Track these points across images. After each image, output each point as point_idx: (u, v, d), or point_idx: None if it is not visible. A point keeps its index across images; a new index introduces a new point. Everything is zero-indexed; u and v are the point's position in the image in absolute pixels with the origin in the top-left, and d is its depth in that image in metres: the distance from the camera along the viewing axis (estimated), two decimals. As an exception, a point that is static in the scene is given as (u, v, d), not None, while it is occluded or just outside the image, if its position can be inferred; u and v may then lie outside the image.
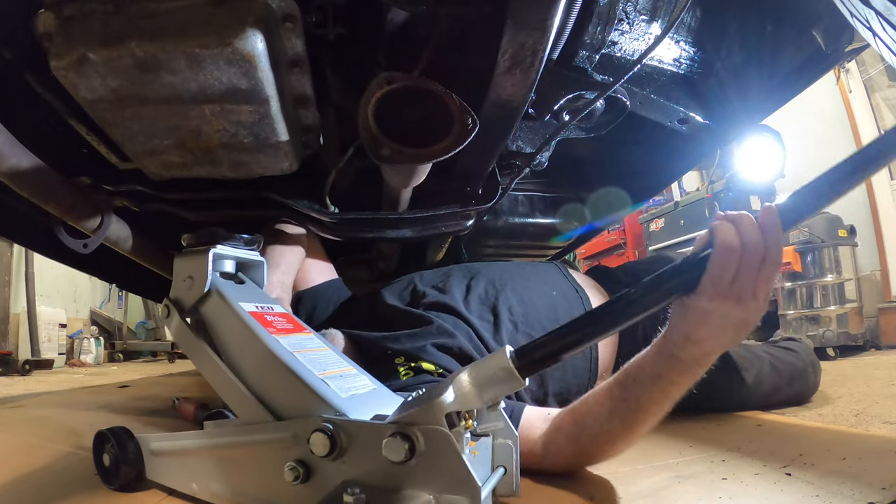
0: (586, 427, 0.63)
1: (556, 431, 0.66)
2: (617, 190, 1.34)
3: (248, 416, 0.55)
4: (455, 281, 0.98)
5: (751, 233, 0.51)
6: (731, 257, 0.50)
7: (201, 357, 0.60)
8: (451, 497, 0.43)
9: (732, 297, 0.51)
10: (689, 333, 0.54)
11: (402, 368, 0.79)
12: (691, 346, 0.54)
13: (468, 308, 0.92)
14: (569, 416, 0.66)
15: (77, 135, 0.79)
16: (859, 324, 2.67)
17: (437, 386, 0.47)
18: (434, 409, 0.44)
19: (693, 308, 0.52)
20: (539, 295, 0.98)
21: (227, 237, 0.65)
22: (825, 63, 0.98)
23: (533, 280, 1.03)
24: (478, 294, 0.95)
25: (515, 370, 0.46)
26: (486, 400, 0.47)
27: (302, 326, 0.66)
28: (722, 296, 0.51)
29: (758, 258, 0.50)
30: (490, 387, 0.47)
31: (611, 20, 0.81)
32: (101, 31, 0.56)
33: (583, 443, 0.64)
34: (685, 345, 0.54)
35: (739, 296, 0.51)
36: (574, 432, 0.64)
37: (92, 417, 1.30)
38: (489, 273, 1.01)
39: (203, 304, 0.62)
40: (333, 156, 0.86)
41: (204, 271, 0.62)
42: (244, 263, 0.70)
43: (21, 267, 3.84)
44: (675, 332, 0.55)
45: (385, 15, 0.69)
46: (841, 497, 0.56)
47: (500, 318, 0.91)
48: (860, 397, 1.23)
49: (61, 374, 3.25)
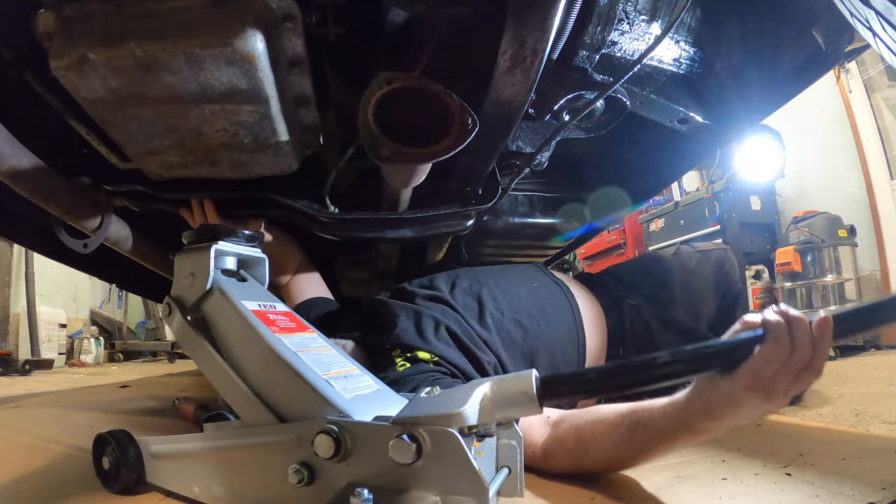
0: (589, 452, 0.65)
1: (558, 444, 0.67)
2: (617, 190, 1.34)
3: (250, 417, 0.55)
4: (441, 280, 1.02)
5: (803, 338, 0.50)
6: (778, 357, 0.50)
7: (203, 356, 0.59)
8: (458, 498, 0.43)
9: (766, 392, 0.51)
10: (711, 410, 0.54)
11: (399, 360, 0.80)
12: (708, 421, 0.55)
13: (454, 298, 0.95)
14: (573, 435, 0.67)
15: (77, 135, 0.79)
16: (859, 324, 2.67)
17: (457, 392, 0.48)
18: (451, 420, 0.44)
19: (724, 389, 0.52)
20: (521, 286, 1.02)
21: (228, 233, 0.65)
22: (825, 63, 0.98)
23: (514, 275, 1.07)
24: (462, 288, 0.99)
25: (537, 398, 0.46)
26: (498, 418, 0.48)
27: (305, 325, 0.65)
28: (757, 389, 0.51)
29: (802, 364, 0.50)
30: (507, 407, 0.47)
31: (611, 20, 0.81)
32: (101, 31, 0.56)
33: (583, 463, 0.66)
34: (703, 418, 0.55)
35: (773, 392, 0.51)
36: (576, 452, 0.66)
37: (92, 418, 1.30)
38: (472, 273, 1.05)
39: (205, 302, 0.61)
40: (333, 156, 0.86)
41: (205, 268, 0.62)
42: (246, 260, 0.69)
43: (21, 267, 3.84)
44: (697, 403, 0.55)
45: (385, 15, 0.69)
46: (841, 497, 0.56)
47: (485, 307, 0.94)
48: (860, 397, 1.23)
49: (61, 374, 3.25)
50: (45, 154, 0.74)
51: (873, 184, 3.19)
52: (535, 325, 0.94)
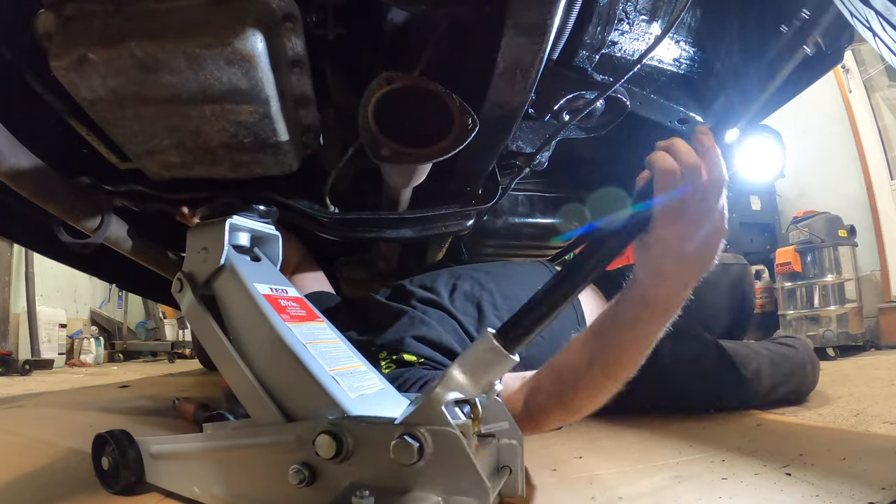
0: (567, 380, 0.63)
1: (535, 391, 0.65)
2: (617, 190, 1.34)
3: (251, 406, 0.55)
4: (441, 281, 1.01)
5: (686, 153, 0.52)
6: (671, 179, 0.51)
7: (211, 337, 0.59)
8: (460, 499, 0.43)
9: (686, 218, 0.51)
10: (655, 268, 0.54)
11: (384, 362, 0.80)
12: (662, 281, 0.54)
13: (453, 304, 0.94)
14: (546, 373, 0.65)
15: (77, 135, 0.79)
16: (859, 324, 2.68)
17: (433, 382, 0.47)
18: (431, 404, 0.44)
19: (652, 241, 0.53)
20: (523, 290, 1.00)
21: (242, 208, 0.64)
22: (825, 63, 0.98)
23: (517, 276, 1.05)
24: (463, 291, 0.98)
25: (503, 348, 0.47)
26: (483, 385, 0.47)
27: (315, 314, 0.65)
28: (675, 219, 0.51)
29: (700, 175, 0.51)
30: (482, 371, 0.47)
31: (611, 20, 0.81)
32: (101, 31, 0.56)
33: (565, 396, 0.63)
34: (656, 281, 0.54)
35: (693, 217, 0.51)
36: (555, 388, 0.64)
37: (92, 417, 1.30)
38: (475, 274, 1.04)
39: (216, 279, 0.60)
40: (333, 156, 0.86)
41: (219, 242, 0.61)
42: (259, 237, 0.69)
43: (21, 267, 3.84)
44: (642, 271, 0.55)
45: (385, 15, 0.69)
46: (841, 497, 0.56)
47: (485, 313, 0.93)
48: (860, 397, 1.23)
49: (61, 374, 3.25)
50: (45, 154, 0.74)
51: (873, 184, 3.19)
52: None
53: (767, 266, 3.19)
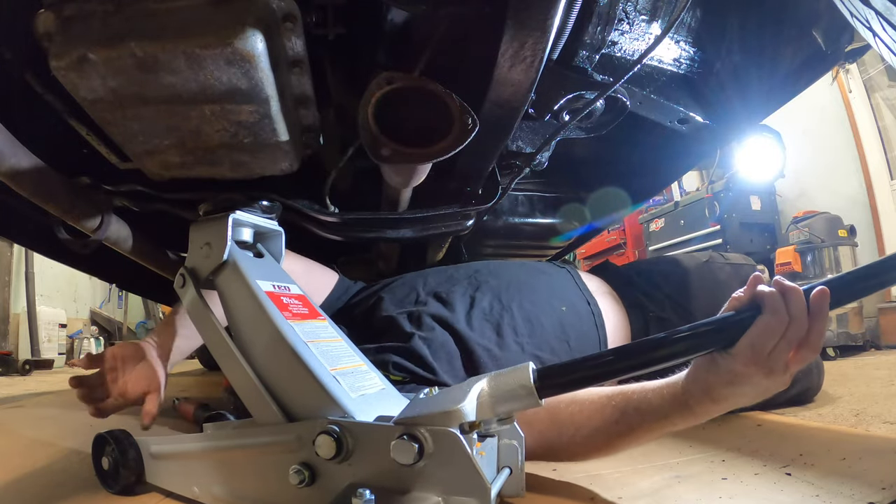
0: (564, 434, 0.62)
1: (526, 426, 0.63)
2: (617, 190, 1.34)
3: (251, 404, 0.55)
4: (459, 292, 0.95)
5: (800, 308, 0.49)
6: (776, 328, 0.49)
7: (212, 333, 0.59)
8: (460, 499, 0.43)
9: (766, 367, 0.50)
10: (711, 390, 0.53)
11: None
12: (709, 402, 0.54)
13: (470, 324, 0.89)
14: (545, 416, 0.63)
15: (77, 135, 0.79)
16: (859, 324, 2.67)
17: (455, 391, 0.47)
18: (450, 417, 0.44)
19: (724, 368, 0.51)
20: (548, 312, 0.95)
21: (245, 203, 0.64)
22: (825, 63, 0.98)
23: (542, 292, 0.99)
24: (482, 309, 0.92)
25: (535, 390, 0.46)
26: (499, 413, 0.47)
27: (317, 312, 0.64)
28: (757, 364, 0.50)
29: (799, 336, 0.50)
30: (506, 402, 0.47)
31: (611, 20, 0.81)
32: (101, 31, 0.56)
33: (556, 446, 0.63)
34: (703, 399, 0.54)
35: (772, 368, 0.50)
36: (549, 435, 0.63)
37: (91, 417, 1.30)
38: (496, 284, 0.98)
39: (219, 275, 0.60)
40: (333, 156, 0.86)
41: (222, 238, 0.61)
42: (262, 233, 0.69)
43: (21, 267, 3.84)
44: (697, 385, 0.54)
45: (385, 15, 0.69)
46: (841, 497, 0.56)
47: (505, 339, 0.88)
48: (860, 397, 1.23)
49: (61, 374, 3.25)
50: (45, 154, 0.74)
51: (873, 184, 3.19)
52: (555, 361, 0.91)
53: (767, 266, 3.19)
